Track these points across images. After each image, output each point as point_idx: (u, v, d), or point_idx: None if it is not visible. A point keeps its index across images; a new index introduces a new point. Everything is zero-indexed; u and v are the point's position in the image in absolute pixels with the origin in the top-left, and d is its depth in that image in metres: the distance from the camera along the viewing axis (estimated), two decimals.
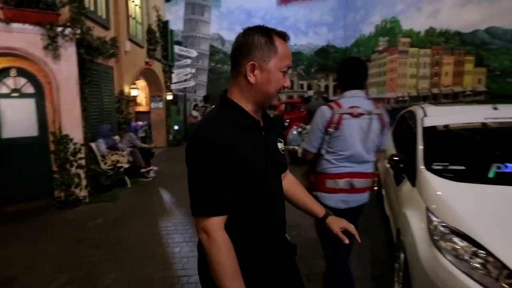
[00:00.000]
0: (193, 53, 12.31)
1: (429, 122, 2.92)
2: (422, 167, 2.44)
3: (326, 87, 13.88)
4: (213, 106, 2.64)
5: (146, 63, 8.77)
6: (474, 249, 1.67)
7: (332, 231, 1.26)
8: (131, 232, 3.64)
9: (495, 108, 2.85)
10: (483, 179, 2.17)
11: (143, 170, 6.12)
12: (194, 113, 11.26)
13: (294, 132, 6.72)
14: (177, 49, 11.90)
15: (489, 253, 1.61)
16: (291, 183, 1.35)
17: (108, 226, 3.88)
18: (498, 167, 2.22)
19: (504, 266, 1.53)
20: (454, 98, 7.03)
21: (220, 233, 0.99)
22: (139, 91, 8.77)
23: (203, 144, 0.99)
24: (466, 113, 3.04)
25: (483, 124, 2.69)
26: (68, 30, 4.47)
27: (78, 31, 4.63)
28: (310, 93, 13.63)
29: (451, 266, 1.68)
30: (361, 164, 2.00)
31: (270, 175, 1.10)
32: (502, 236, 1.66)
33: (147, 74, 9.68)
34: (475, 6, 6.42)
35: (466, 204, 1.94)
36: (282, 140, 1.23)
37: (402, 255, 2.22)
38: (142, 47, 8.51)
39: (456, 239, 1.76)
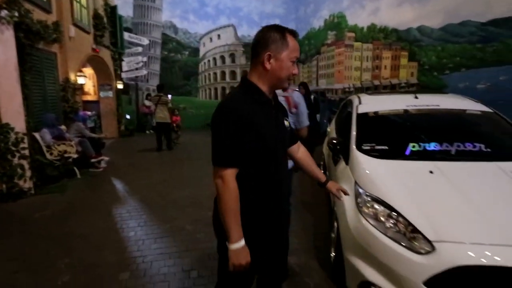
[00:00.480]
0: (145, 41, 11.92)
1: (362, 109, 3.30)
2: (354, 147, 2.80)
3: None
4: (167, 95, 2.72)
5: (93, 49, 8.36)
6: (388, 211, 2.02)
7: (331, 191, 1.69)
8: (82, 222, 3.62)
9: (416, 97, 3.32)
10: (402, 156, 2.57)
11: (93, 160, 5.95)
12: (147, 102, 10.98)
13: None
14: (127, 36, 11.44)
15: (399, 214, 1.96)
16: (303, 154, 1.71)
17: (57, 217, 3.80)
18: (414, 146, 2.64)
19: (409, 224, 1.89)
20: (392, 89, 7.75)
21: (232, 180, 1.26)
22: (86, 79, 8.35)
23: (232, 109, 1.26)
24: (393, 101, 3.48)
25: (405, 110, 3.13)
26: (4, 12, 4.19)
27: (16, 14, 4.37)
28: None
29: (371, 227, 2.02)
30: None
31: (277, 144, 1.37)
32: (410, 200, 2.03)
33: (95, 62, 9.23)
34: (409, 6, 7.08)
35: (384, 176, 2.31)
36: (287, 119, 1.52)
37: (335, 224, 2.56)
38: (88, 32, 8.09)
39: (376, 205, 2.11)
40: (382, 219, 2.03)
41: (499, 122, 2.94)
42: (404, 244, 1.84)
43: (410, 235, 1.88)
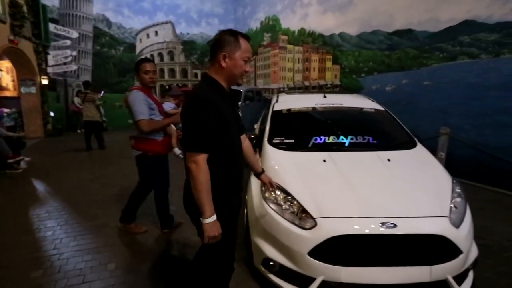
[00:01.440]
0: (73, 34, 11.14)
1: (277, 107, 3.63)
2: (265, 141, 3.09)
3: None
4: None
5: (10, 41, 7.66)
6: (285, 196, 2.32)
7: (264, 182, 2.10)
8: None
9: (325, 96, 3.74)
10: (305, 148, 2.92)
11: (10, 161, 5.51)
12: (76, 100, 10.31)
13: None
14: (53, 27, 10.58)
15: (293, 198, 2.27)
16: (246, 145, 1.95)
17: None
18: (315, 139, 3.01)
19: (300, 205, 2.20)
20: (320, 89, 8.40)
21: (204, 163, 1.47)
22: (2, 73, 7.61)
23: (201, 100, 1.46)
24: (305, 100, 3.87)
25: (313, 108, 3.52)
26: None
27: None
28: None
29: (271, 211, 2.29)
30: None
31: (235, 132, 1.64)
32: (302, 185, 2.35)
33: (13, 54, 8.45)
34: (332, 14, 7.76)
35: (286, 166, 2.62)
36: (239, 109, 1.84)
37: (245, 210, 2.81)
38: (3, 22, 7.40)
39: (277, 191, 2.39)
40: (281, 203, 2.33)
41: (387, 119, 3.46)
42: (296, 223, 2.14)
43: (300, 214, 2.19)
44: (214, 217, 1.49)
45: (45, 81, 9.80)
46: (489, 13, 4.58)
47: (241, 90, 8.65)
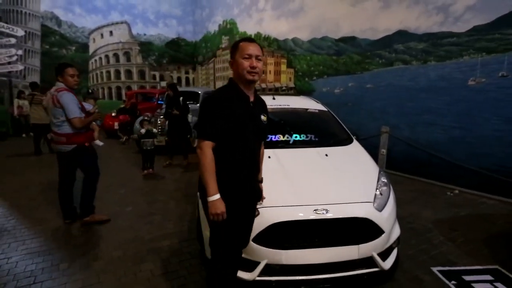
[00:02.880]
0: (19, 32, 10.47)
1: None
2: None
3: (179, 78, 14.34)
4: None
5: None
6: None
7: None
8: None
9: (274, 98, 4.00)
10: None
11: None
12: (17, 101, 9.45)
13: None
14: None
15: None
16: (260, 151, 2.01)
17: None
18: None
19: None
20: (276, 92, 8.75)
21: (207, 149, 1.66)
22: None
23: (211, 96, 1.72)
24: None
25: None
26: None
27: None
28: (163, 84, 13.80)
29: None
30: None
31: (249, 130, 1.76)
32: None
33: None
34: (285, 20, 8.15)
35: None
36: (266, 115, 1.91)
37: (198, 205, 2.98)
38: None
39: None
40: None
41: (329, 118, 3.80)
42: None
43: None
44: (217, 196, 1.63)
45: None
46: (418, 25, 5.17)
47: (199, 92, 8.74)
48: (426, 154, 5.08)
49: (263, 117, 1.86)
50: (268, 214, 2.26)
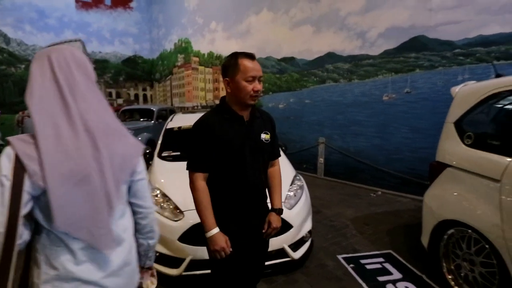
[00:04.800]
0: None
1: (170, 125, 4.18)
2: (155, 154, 3.61)
3: (136, 95, 14.39)
4: None
5: None
6: (164, 198, 2.86)
7: (267, 219, 1.72)
8: None
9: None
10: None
11: None
12: None
13: None
14: None
15: (169, 198, 2.82)
16: (272, 172, 1.81)
17: None
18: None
19: (174, 203, 2.76)
20: None
21: (199, 182, 1.55)
22: None
23: (198, 123, 1.59)
24: (195, 118, 4.50)
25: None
26: None
27: None
28: (119, 101, 13.78)
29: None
30: None
31: (246, 151, 1.57)
32: (175, 188, 2.89)
33: None
34: (234, 40, 8.71)
35: (166, 173, 3.18)
36: (268, 133, 1.68)
37: None
38: None
39: (156, 193, 2.91)
40: (161, 203, 2.86)
41: None
42: (170, 218, 2.70)
43: (175, 210, 2.75)
44: (215, 230, 1.52)
45: None
46: (343, 48, 5.90)
47: (153, 109, 8.97)
48: (355, 161, 5.72)
49: (264, 136, 1.65)
50: (191, 215, 2.61)
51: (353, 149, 5.79)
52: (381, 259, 3.06)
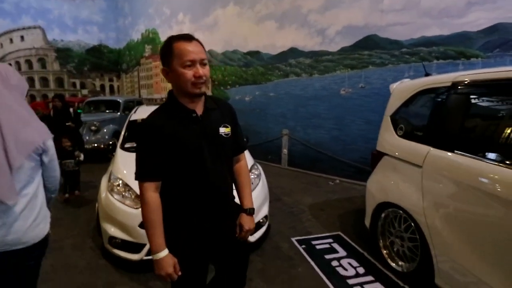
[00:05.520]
0: None
1: (133, 117, 4.25)
2: (118, 145, 3.69)
3: (102, 86, 13.98)
4: None
5: None
6: (125, 187, 2.97)
7: (238, 221, 1.50)
8: None
9: None
10: None
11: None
12: None
13: None
14: None
15: (130, 187, 2.94)
16: (237, 169, 1.58)
17: None
18: None
19: (134, 192, 2.88)
20: None
21: (149, 194, 1.30)
22: None
23: (141, 126, 1.36)
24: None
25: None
26: None
27: None
28: (84, 92, 13.34)
29: (114, 199, 2.91)
30: None
31: (205, 152, 1.34)
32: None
33: None
34: (202, 33, 8.72)
35: (128, 163, 3.27)
36: (228, 126, 1.45)
37: (97, 204, 3.35)
38: None
39: (118, 183, 3.02)
40: (122, 192, 2.97)
41: None
42: (131, 206, 2.82)
43: (136, 199, 2.88)
44: (163, 253, 1.29)
45: None
46: (305, 44, 6.17)
47: (120, 100, 8.84)
48: (316, 152, 6.05)
49: (223, 130, 1.42)
50: None
51: (314, 141, 6.11)
52: (330, 240, 3.37)
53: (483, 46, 4.01)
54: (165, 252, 1.30)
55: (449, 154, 2.18)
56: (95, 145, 6.97)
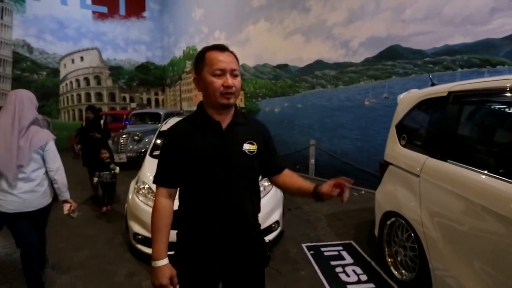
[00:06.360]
0: None
1: (163, 127, 4.70)
2: (148, 153, 4.12)
3: (148, 100, 15.13)
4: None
5: None
6: (148, 189, 3.34)
7: (328, 193, 1.29)
8: None
9: None
10: None
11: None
12: None
13: None
14: None
15: (152, 190, 3.30)
16: (283, 178, 1.48)
17: None
18: None
19: (152, 190, 3.23)
20: None
21: (160, 199, 1.31)
22: None
23: (168, 129, 1.37)
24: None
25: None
26: None
27: None
28: (133, 105, 14.54)
29: (139, 201, 3.29)
30: None
31: (219, 165, 1.28)
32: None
33: None
34: (236, 48, 9.07)
35: (153, 169, 3.65)
36: (254, 143, 1.35)
37: (125, 204, 3.76)
38: None
39: (144, 186, 3.40)
40: (146, 194, 3.34)
41: None
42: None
43: (152, 197, 3.22)
44: (161, 262, 1.24)
45: None
46: (329, 56, 6.28)
47: (161, 113, 9.58)
48: (342, 162, 6.06)
49: (248, 146, 1.34)
50: None
51: (339, 151, 6.13)
52: (339, 248, 3.43)
53: (509, 53, 3.84)
54: (164, 261, 1.25)
55: (443, 163, 2.20)
56: (137, 153, 7.63)
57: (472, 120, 2.22)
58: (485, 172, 1.84)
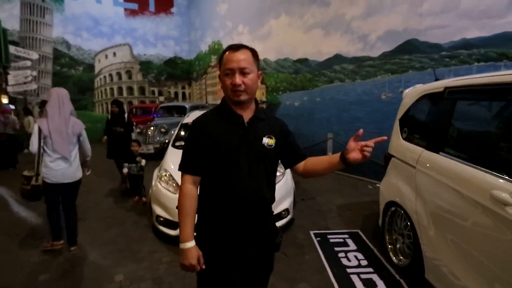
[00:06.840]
0: (34, 55, 12.06)
1: (185, 120, 5.05)
2: (170, 144, 4.48)
3: (176, 93, 15.73)
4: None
5: None
6: (170, 176, 3.69)
7: (355, 160, 1.39)
8: None
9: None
10: None
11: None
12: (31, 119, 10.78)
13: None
14: (13, 49, 11.49)
15: (173, 177, 3.64)
16: (306, 164, 1.54)
17: None
18: None
19: (176, 181, 3.57)
20: None
21: (186, 185, 1.38)
22: None
23: (193, 122, 1.46)
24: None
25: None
26: None
27: None
28: (161, 98, 15.20)
29: (161, 187, 3.65)
30: None
31: (243, 157, 1.36)
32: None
33: None
34: (258, 42, 9.37)
35: (174, 157, 4.01)
36: (272, 137, 1.44)
37: (149, 190, 4.14)
38: None
39: (166, 174, 3.76)
40: (167, 181, 3.70)
41: None
42: (173, 192, 3.52)
43: (176, 187, 3.56)
44: (189, 244, 1.33)
45: (5, 100, 10.61)
46: (348, 50, 6.32)
47: (186, 106, 10.02)
48: None
49: (267, 140, 1.42)
50: None
51: None
52: (345, 236, 3.61)
53: None
54: (192, 243, 1.34)
55: (435, 155, 2.33)
56: (163, 144, 8.11)
57: (464, 114, 2.32)
58: (472, 164, 1.94)
